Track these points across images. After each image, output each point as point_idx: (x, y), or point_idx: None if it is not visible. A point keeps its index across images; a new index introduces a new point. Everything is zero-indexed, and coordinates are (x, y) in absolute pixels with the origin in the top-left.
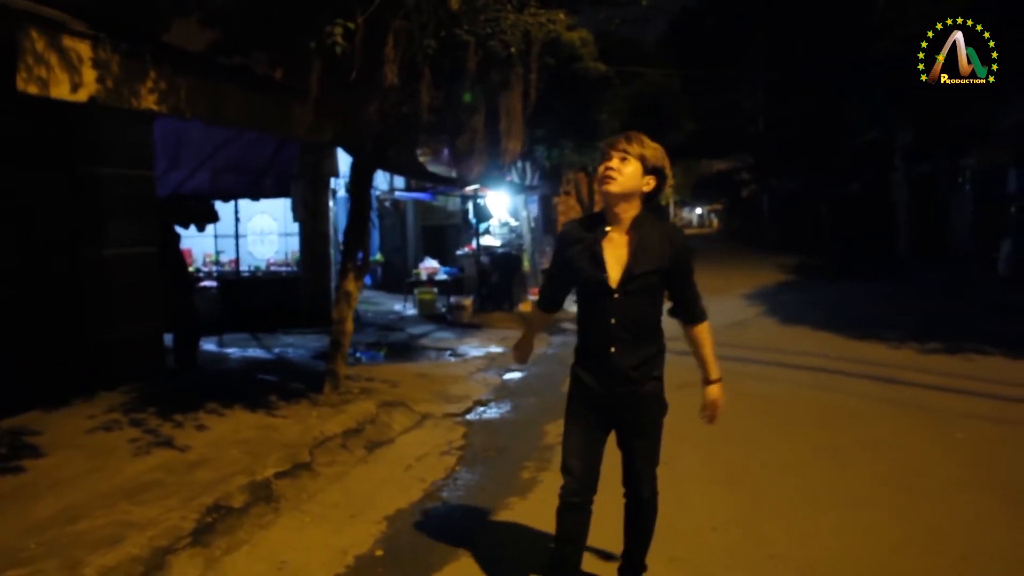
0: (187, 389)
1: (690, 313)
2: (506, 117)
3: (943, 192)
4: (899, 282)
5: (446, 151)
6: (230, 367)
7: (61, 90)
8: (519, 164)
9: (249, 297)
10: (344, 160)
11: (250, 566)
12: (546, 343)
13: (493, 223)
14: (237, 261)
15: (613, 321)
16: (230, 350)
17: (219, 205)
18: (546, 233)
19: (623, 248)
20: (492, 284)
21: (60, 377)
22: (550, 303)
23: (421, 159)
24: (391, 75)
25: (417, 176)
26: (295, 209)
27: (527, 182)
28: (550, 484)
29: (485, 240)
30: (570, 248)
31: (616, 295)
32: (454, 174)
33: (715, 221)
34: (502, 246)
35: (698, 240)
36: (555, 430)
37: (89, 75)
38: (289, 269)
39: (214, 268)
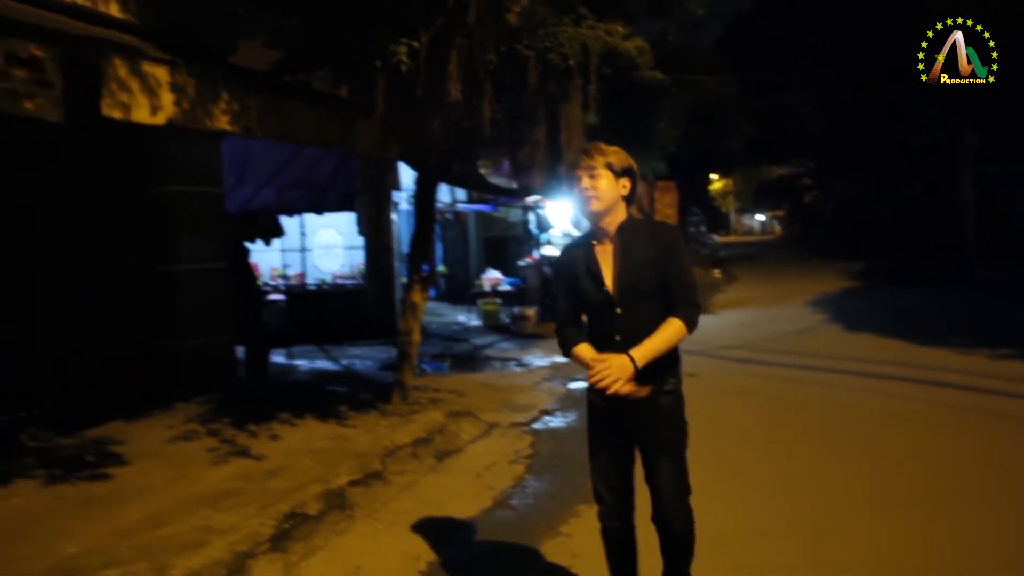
0: (259, 400)
1: (672, 303)
2: (566, 128)
3: (1013, 192)
4: (967, 285)
5: (506, 163)
6: (299, 378)
7: (141, 114)
8: None
9: (316, 310)
10: (407, 173)
11: (327, 571)
12: None
13: (555, 233)
14: (303, 275)
15: (618, 338)
16: (299, 362)
17: (285, 220)
18: None
19: (615, 257)
20: (555, 294)
21: (137, 388)
22: (572, 343)
23: (482, 171)
24: (455, 91)
25: (478, 188)
26: (359, 223)
27: None
28: None
29: (548, 250)
30: (571, 271)
31: (618, 309)
32: (515, 185)
33: (777, 227)
34: None
35: (760, 247)
36: None
37: (167, 98)
38: (354, 282)
39: (280, 282)
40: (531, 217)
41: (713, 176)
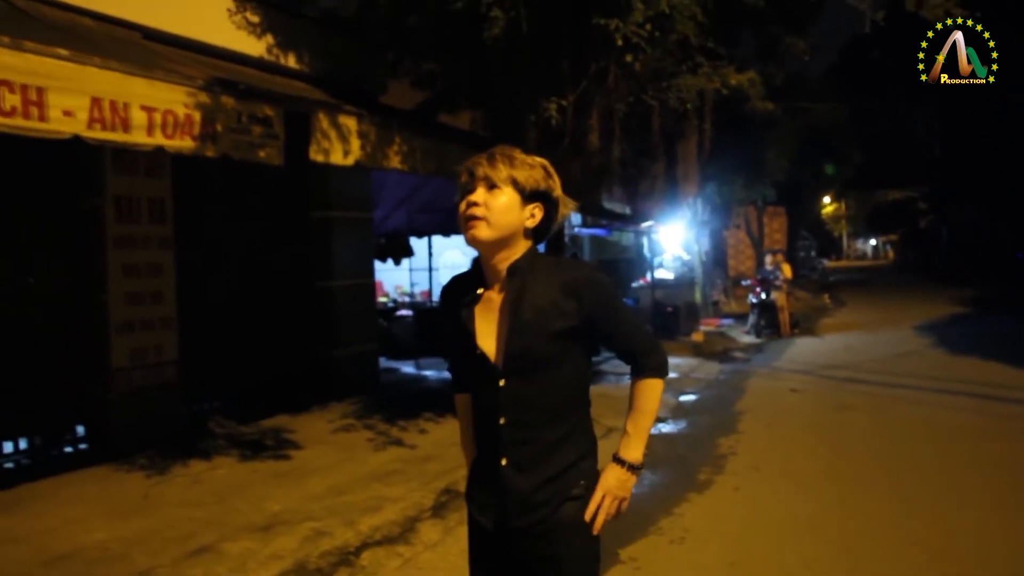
0: (402, 401)
1: (634, 362)
2: (683, 163)
3: None
4: None
5: (618, 189)
6: (432, 386)
7: (337, 157)
8: (691, 200)
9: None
10: None
11: None
12: (717, 370)
13: (666, 257)
14: (430, 292)
15: (502, 421)
16: (427, 372)
17: (414, 241)
18: (716, 266)
19: (504, 312)
20: (666, 314)
21: (298, 389)
22: (458, 385)
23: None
24: (595, 140)
25: (596, 214)
26: None
27: (698, 217)
28: (724, 483)
29: (660, 273)
30: (446, 316)
31: (503, 381)
32: (627, 210)
33: (890, 252)
34: (675, 279)
35: (871, 272)
36: (727, 443)
37: (355, 144)
38: None
39: (405, 298)
40: (644, 241)
41: (825, 200)
